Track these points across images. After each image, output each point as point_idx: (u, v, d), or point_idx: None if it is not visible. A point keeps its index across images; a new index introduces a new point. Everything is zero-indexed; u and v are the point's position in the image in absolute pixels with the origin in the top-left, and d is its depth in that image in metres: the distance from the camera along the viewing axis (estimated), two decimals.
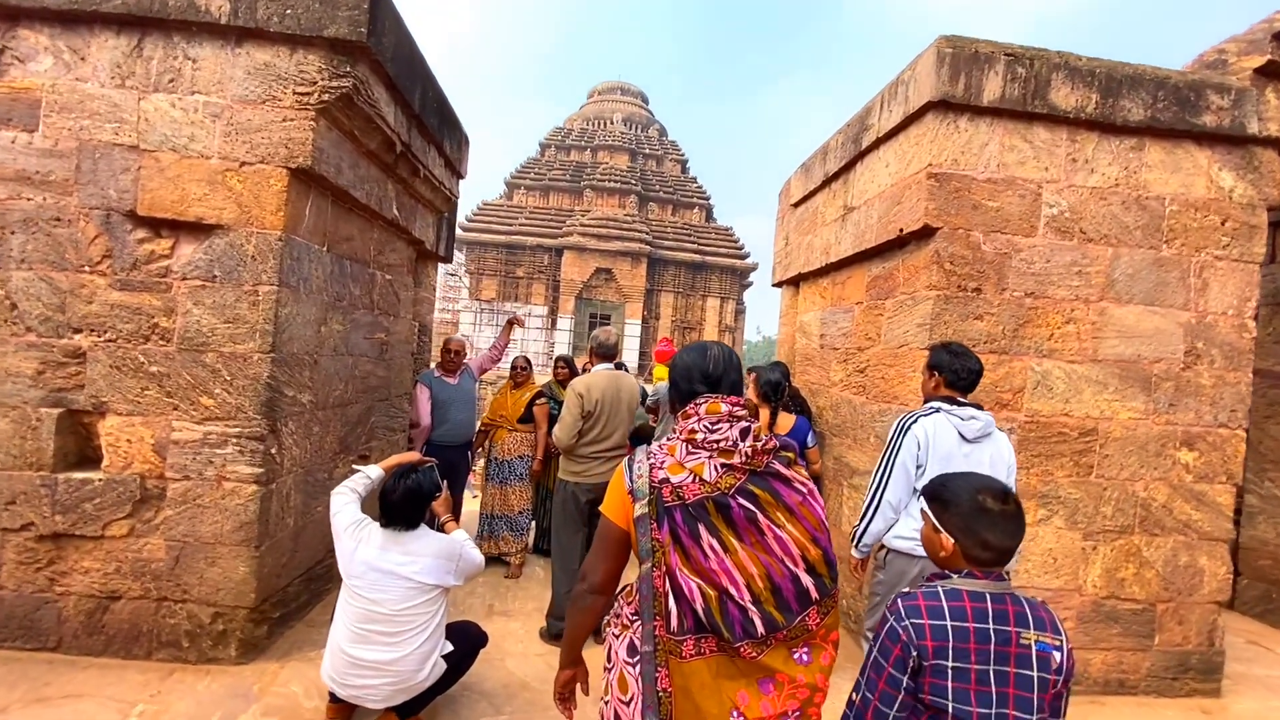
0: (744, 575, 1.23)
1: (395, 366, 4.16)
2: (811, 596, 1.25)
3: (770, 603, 1.23)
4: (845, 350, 3.79)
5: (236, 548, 2.69)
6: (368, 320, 3.65)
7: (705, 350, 1.45)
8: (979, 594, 1.23)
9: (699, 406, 1.35)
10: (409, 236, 4.11)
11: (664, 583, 1.26)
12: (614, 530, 1.37)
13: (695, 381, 1.41)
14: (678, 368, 1.47)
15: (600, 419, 2.95)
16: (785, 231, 4.98)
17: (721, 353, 1.45)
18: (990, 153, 2.91)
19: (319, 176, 2.78)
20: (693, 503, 1.26)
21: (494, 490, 4.06)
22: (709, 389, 1.40)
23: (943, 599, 1.22)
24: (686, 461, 1.30)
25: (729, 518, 1.26)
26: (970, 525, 1.26)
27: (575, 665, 1.52)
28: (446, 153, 4.10)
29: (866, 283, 3.57)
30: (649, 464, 1.32)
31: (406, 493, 2.08)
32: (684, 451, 1.31)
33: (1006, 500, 1.27)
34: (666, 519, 1.26)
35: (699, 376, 1.41)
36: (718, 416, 1.33)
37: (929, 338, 2.88)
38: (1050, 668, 1.20)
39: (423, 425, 3.80)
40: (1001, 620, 1.20)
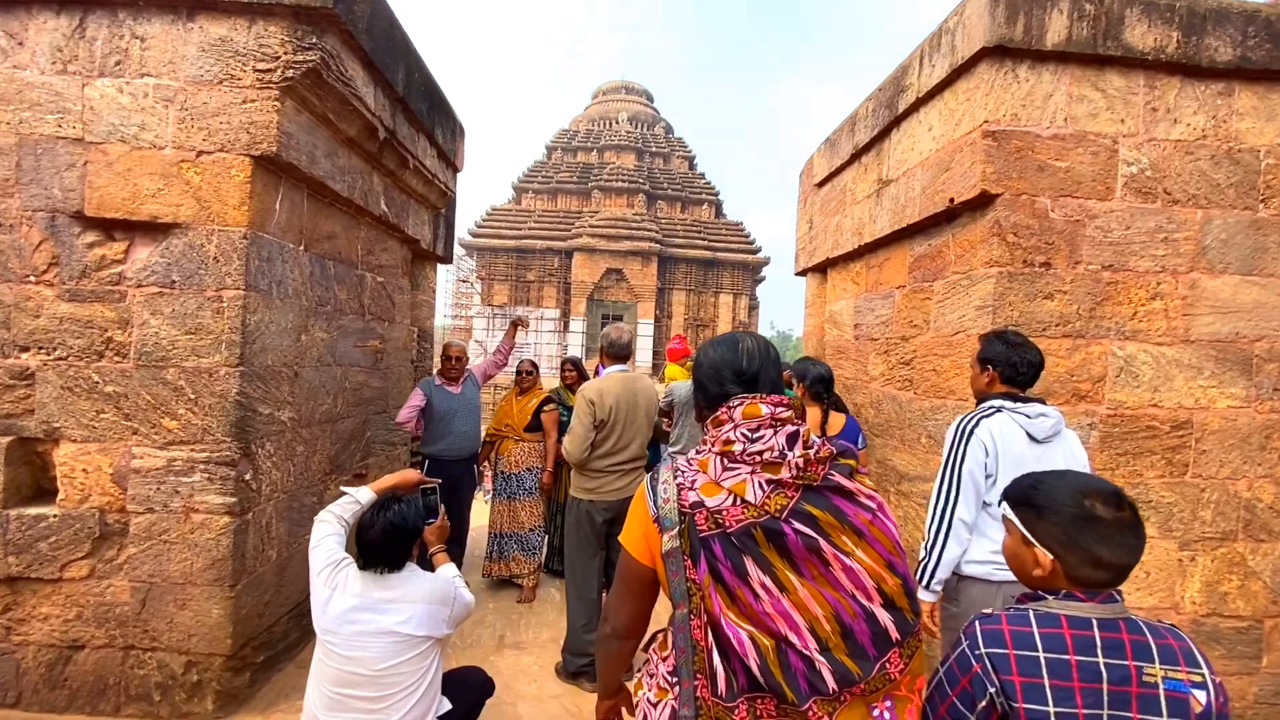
0: (806, 617, 0.98)
1: (392, 376, 3.85)
2: (891, 637, 1.00)
3: (841, 649, 0.98)
4: (885, 341, 3.40)
5: (209, 588, 2.37)
6: (358, 327, 3.33)
7: (736, 343, 1.17)
8: (1082, 620, 0.97)
9: (733, 410, 1.09)
10: (402, 235, 3.79)
11: (705, 634, 1.01)
12: (636, 568, 1.12)
13: (726, 381, 1.14)
14: (704, 366, 1.18)
15: (615, 428, 2.60)
16: (809, 214, 4.59)
17: (756, 345, 1.16)
18: (1056, 105, 2.51)
19: (288, 165, 2.46)
20: (736, 531, 1.01)
21: (502, 506, 3.72)
22: (744, 389, 1.13)
23: (1034, 625, 0.98)
24: (723, 479, 1.04)
25: (783, 547, 1.00)
26: (1075, 537, 1.00)
27: (616, 694, 1.31)
28: (439, 142, 3.78)
29: (909, 264, 3.18)
30: (677, 484, 1.06)
31: (388, 528, 1.74)
32: (719, 467, 1.06)
33: (1120, 505, 1.01)
34: (703, 553, 1.02)
35: (730, 375, 1.14)
36: (758, 421, 1.07)
37: (991, 322, 2.49)
38: (1189, 713, 0.91)
39: (403, 421, 3.47)
40: (1115, 652, 0.94)
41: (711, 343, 1.21)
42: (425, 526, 2.09)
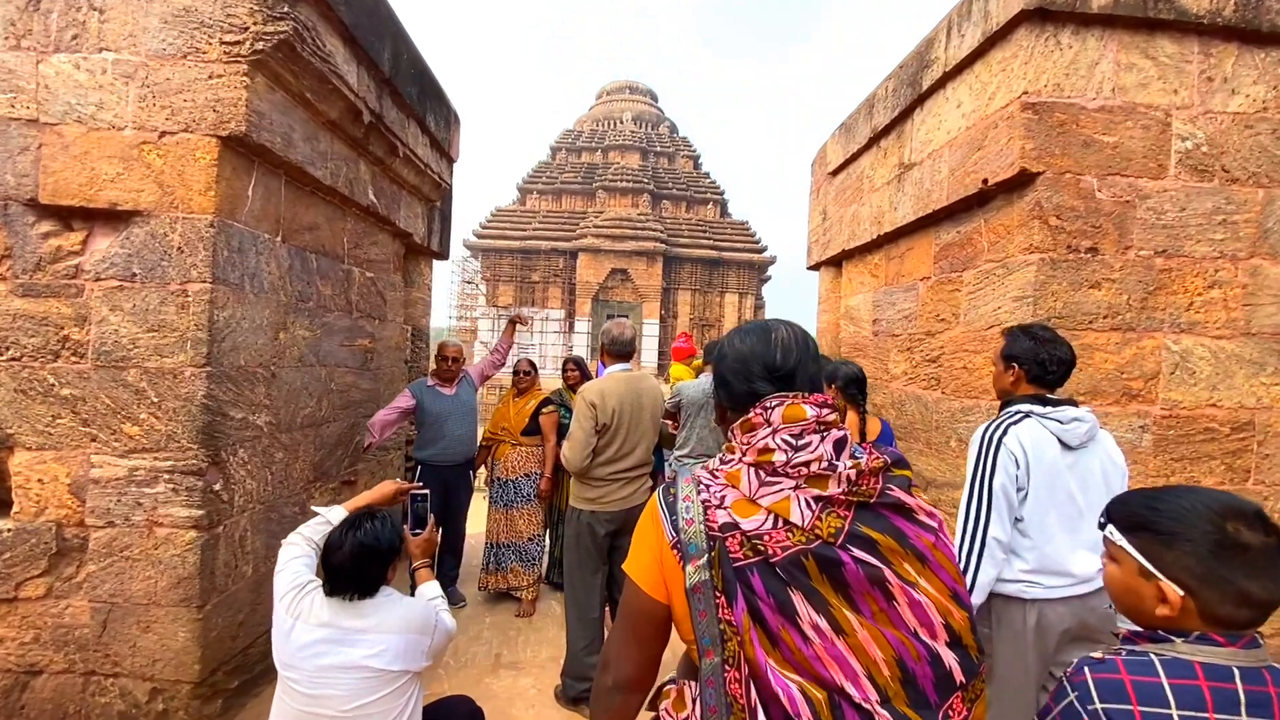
0: (864, 662, 0.81)
1: (384, 376, 3.65)
2: (955, 680, 0.82)
3: (901, 698, 0.81)
4: (908, 336, 3.17)
5: (174, 609, 2.17)
6: (344, 324, 3.13)
7: (768, 333, 0.97)
8: (1222, 669, 0.80)
9: (770, 412, 0.90)
10: (393, 228, 3.59)
11: (746, 689, 0.82)
12: (647, 604, 0.92)
13: (755, 378, 0.95)
14: (729, 359, 0.99)
15: (619, 433, 2.38)
16: (822, 205, 4.36)
17: (792, 335, 0.97)
18: (1103, 74, 2.28)
19: (261, 148, 2.26)
20: (782, 560, 0.82)
21: (499, 515, 3.51)
22: (778, 387, 0.94)
23: (1162, 674, 0.81)
24: (760, 496, 0.86)
25: (839, 579, 0.82)
26: (1217, 569, 0.82)
27: None
28: (431, 130, 3.58)
29: (934, 253, 2.95)
30: (701, 501, 0.88)
31: (357, 550, 1.52)
32: (753, 481, 0.87)
33: (1268, 529, 0.82)
34: (740, 588, 0.83)
35: (761, 370, 0.95)
36: (801, 426, 0.88)
37: (1031, 314, 2.26)
38: None
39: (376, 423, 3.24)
40: (1261, 710, 0.77)
41: (738, 332, 1.01)
42: (412, 537, 1.89)
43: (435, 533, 1.92)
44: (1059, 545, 1.66)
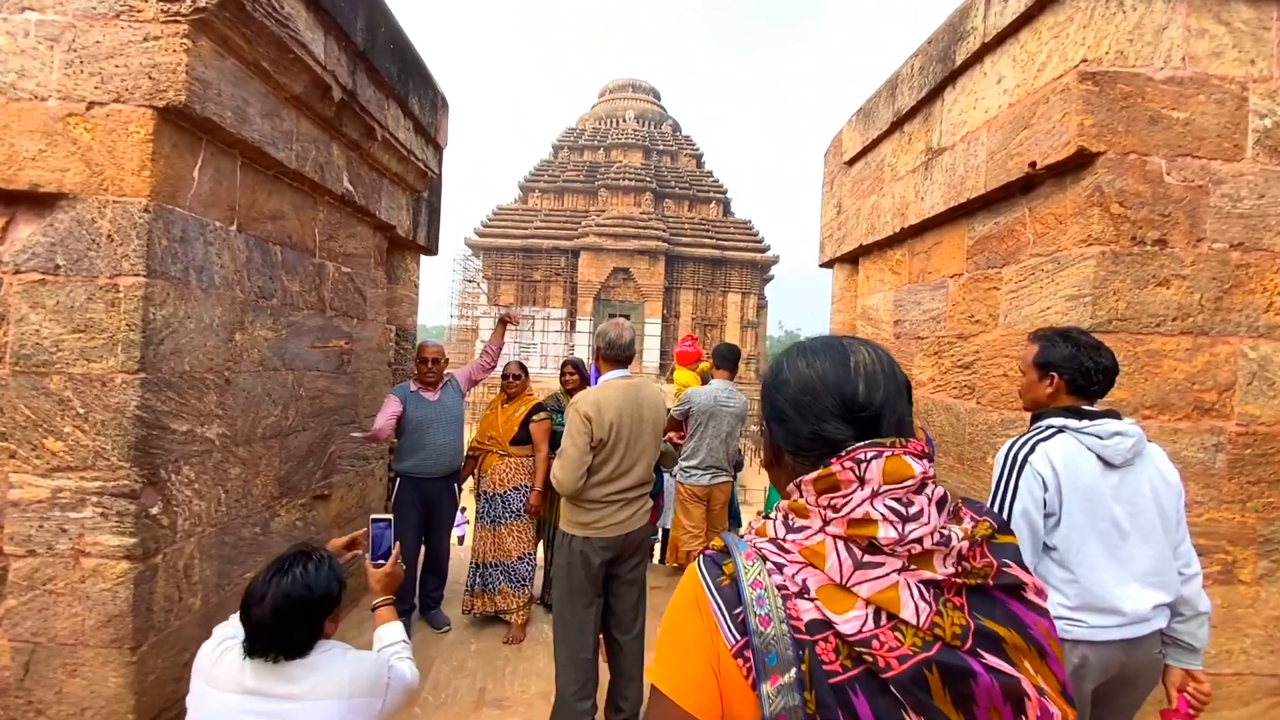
0: None
1: (363, 380, 3.37)
2: None
3: None
4: (936, 340, 2.88)
5: (104, 650, 1.89)
6: (315, 324, 2.85)
7: (845, 356, 0.73)
8: None
9: (865, 467, 0.66)
10: (373, 220, 3.31)
11: None
12: None
13: (828, 416, 0.71)
14: (791, 386, 0.74)
15: (617, 448, 2.09)
16: (836, 197, 4.07)
17: (877, 362, 0.73)
18: (1171, 40, 1.98)
19: (207, 123, 1.98)
20: (901, 675, 0.60)
21: (485, 533, 3.23)
22: (858, 431, 0.70)
23: None
24: (857, 583, 0.64)
25: (964, 694, 0.61)
26: None
27: None
28: (414, 113, 3.30)
29: (967, 247, 2.66)
30: (773, 583, 0.66)
31: (281, 603, 1.24)
32: (844, 561, 0.65)
33: None
34: (841, 713, 0.61)
35: (837, 407, 0.70)
36: (905, 488, 0.66)
37: (1090, 315, 1.97)
38: None
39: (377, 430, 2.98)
40: None
41: (803, 352, 0.76)
42: (373, 569, 1.61)
43: (400, 566, 1.64)
44: (1104, 577, 1.44)
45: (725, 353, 3.61)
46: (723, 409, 3.44)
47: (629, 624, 2.25)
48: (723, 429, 3.47)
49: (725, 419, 3.46)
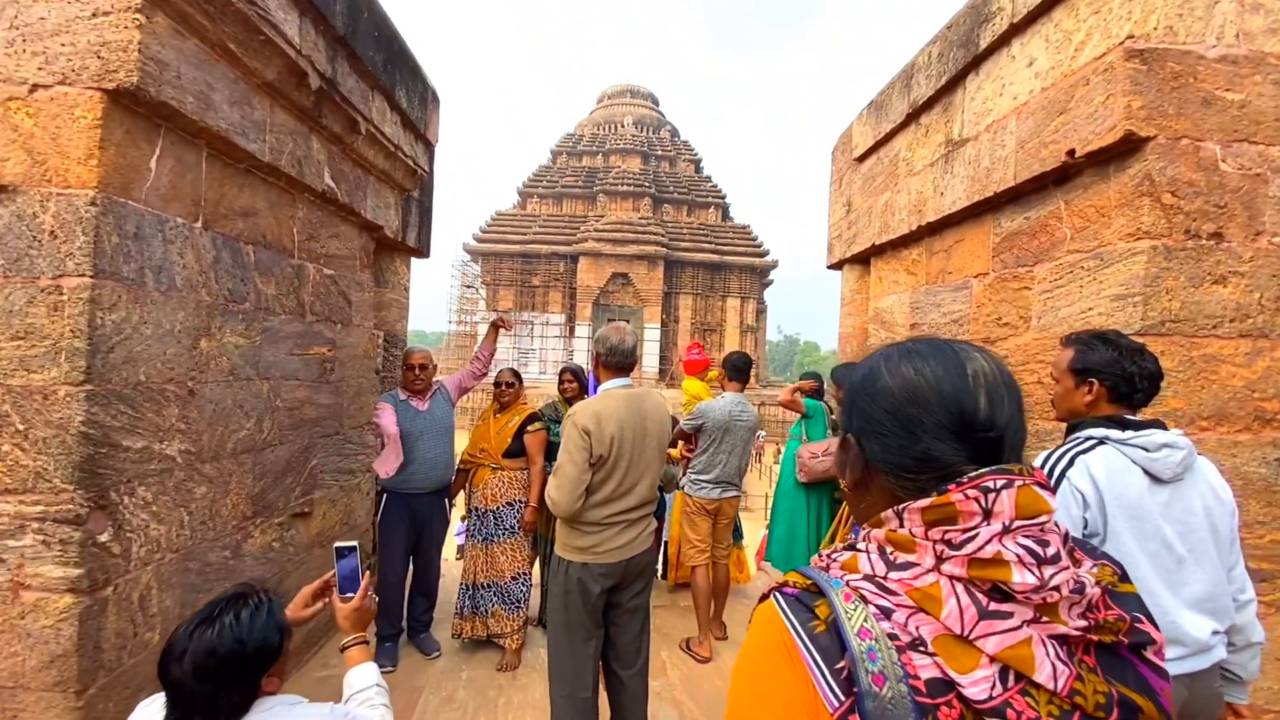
0: None
1: (348, 389, 3.17)
2: None
3: None
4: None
5: (47, 694, 1.69)
6: (295, 330, 2.66)
7: (961, 364, 0.62)
8: None
9: (993, 498, 0.55)
10: (359, 219, 3.12)
11: None
12: None
13: (941, 434, 0.59)
14: (894, 393, 0.63)
15: (618, 466, 1.90)
16: (845, 196, 3.89)
17: (998, 372, 0.62)
18: (1223, 15, 1.81)
19: (165, 108, 1.80)
20: None
21: (477, 551, 3.03)
22: (974, 454, 0.59)
23: None
24: (981, 636, 0.52)
25: None
26: None
27: None
28: (402, 106, 3.12)
29: (993, 245, 2.47)
30: (883, 631, 0.54)
31: (204, 660, 1.04)
32: (966, 607, 0.53)
33: None
34: None
35: (952, 422, 0.59)
36: (1041, 523, 0.55)
37: (1141, 316, 1.78)
38: None
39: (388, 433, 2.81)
40: None
41: (904, 354, 0.65)
42: (341, 603, 1.41)
43: (371, 600, 1.44)
44: (1160, 604, 1.30)
45: (738, 363, 3.43)
46: (737, 423, 3.26)
47: (631, 657, 2.05)
48: (737, 443, 3.28)
49: (739, 433, 3.28)
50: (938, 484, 0.58)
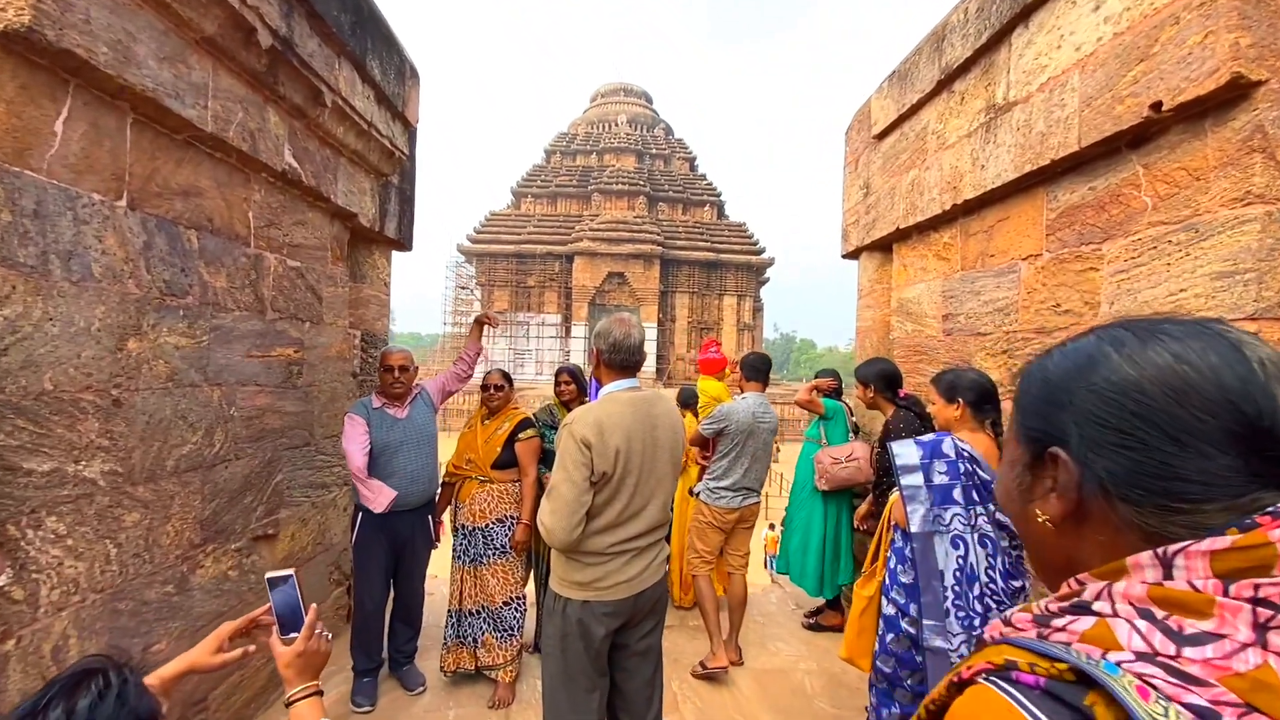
0: None
1: (319, 395, 2.85)
2: None
3: None
4: (1005, 335, 2.39)
5: None
6: (252, 328, 2.34)
7: (1233, 344, 0.44)
8: None
9: None
10: (329, 205, 2.80)
11: None
12: None
13: (1221, 441, 0.42)
14: (1138, 393, 0.44)
15: (625, 484, 1.59)
16: (863, 178, 3.59)
17: None
18: None
19: (73, 59, 1.48)
20: None
21: (464, 574, 2.71)
22: (1266, 470, 0.41)
23: None
24: None
25: None
26: None
27: None
28: (374, 79, 2.80)
29: (1048, 221, 2.17)
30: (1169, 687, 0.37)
31: None
32: None
33: None
34: None
35: (1239, 425, 0.42)
36: None
37: (1253, 298, 1.48)
38: None
39: (358, 469, 2.47)
40: None
41: (1141, 333, 0.47)
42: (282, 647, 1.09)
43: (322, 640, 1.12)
44: None
45: (757, 363, 3.13)
46: (760, 425, 2.96)
47: (642, 707, 1.74)
48: (759, 447, 2.99)
49: (762, 436, 2.98)
50: (1229, 516, 0.42)
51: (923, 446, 1.88)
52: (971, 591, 1.78)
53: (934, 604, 1.80)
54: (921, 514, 1.83)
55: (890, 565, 2.00)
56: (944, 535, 1.81)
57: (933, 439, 1.90)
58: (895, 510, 1.97)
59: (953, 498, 1.81)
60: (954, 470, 1.83)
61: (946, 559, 1.80)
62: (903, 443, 1.93)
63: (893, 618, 1.96)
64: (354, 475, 2.49)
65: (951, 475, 1.83)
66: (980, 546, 1.80)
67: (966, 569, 1.79)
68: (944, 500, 1.82)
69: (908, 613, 1.90)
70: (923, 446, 1.88)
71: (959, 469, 1.83)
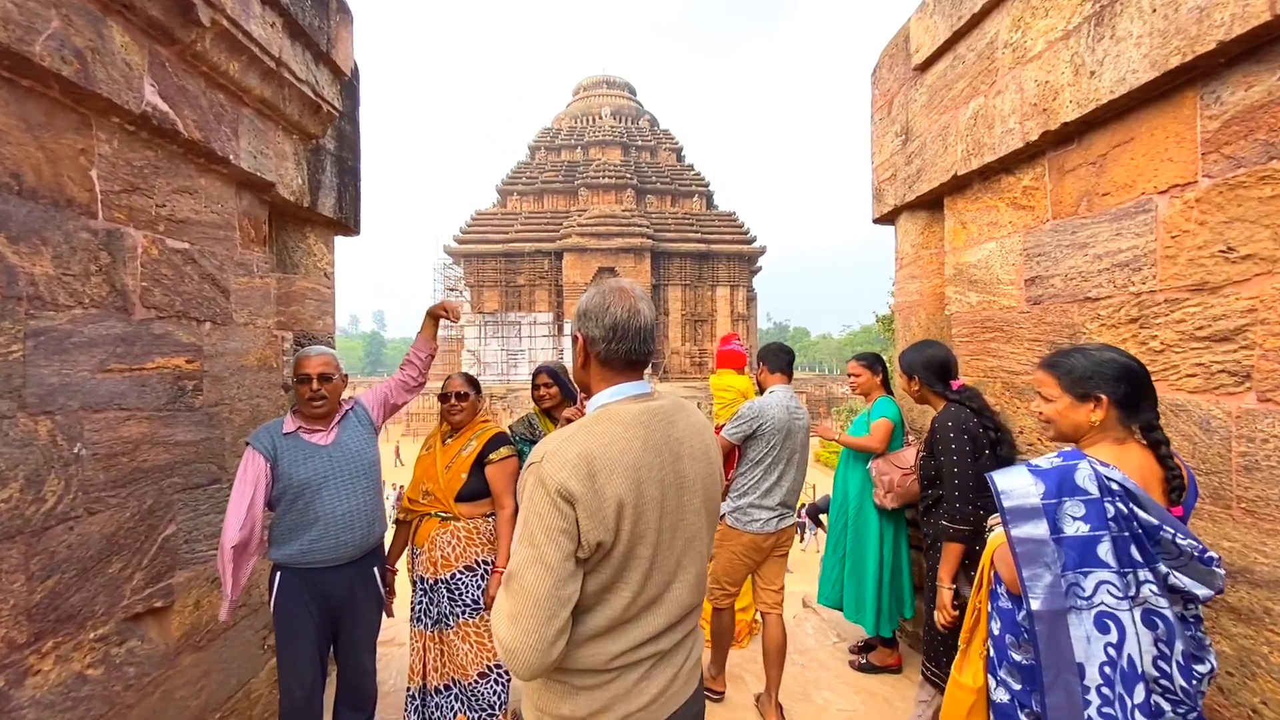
0: None
1: (230, 417, 2.21)
2: None
3: None
4: (1135, 298, 1.78)
5: None
6: (110, 333, 1.70)
7: None
8: None
9: None
10: (229, 170, 2.16)
11: None
12: None
13: None
14: None
15: (637, 555, 0.95)
16: (899, 121, 2.97)
17: None
18: None
19: None
20: None
21: (426, 640, 2.09)
22: None
23: None
24: None
25: None
26: None
27: None
28: (289, 10, 2.15)
29: (1205, 134, 1.56)
30: None
31: None
32: None
33: None
34: None
35: None
36: None
37: None
38: None
39: (228, 541, 1.82)
40: None
41: None
42: None
43: None
44: None
45: (781, 353, 2.55)
46: (796, 422, 2.39)
47: None
48: (797, 449, 2.41)
49: (799, 436, 2.40)
50: None
51: (1044, 477, 1.22)
52: (1132, 694, 1.14)
53: (1067, 707, 1.17)
54: (1047, 583, 1.17)
55: (995, 631, 1.37)
56: (1083, 613, 1.16)
57: (1061, 465, 1.23)
58: (1001, 561, 1.33)
59: (1097, 557, 1.16)
60: (1098, 514, 1.17)
61: (1088, 647, 1.15)
62: (1012, 473, 1.27)
63: (1007, 709, 1.34)
64: (220, 557, 1.84)
65: (1094, 522, 1.17)
66: (1146, 628, 1.16)
67: (1122, 662, 1.15)
68: (1083, 561, 1.16)
69: (1027, 704, 1.29)
70: (1044, 477, 1.22)
71: (1106, 511, 1.17)
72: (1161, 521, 1.16)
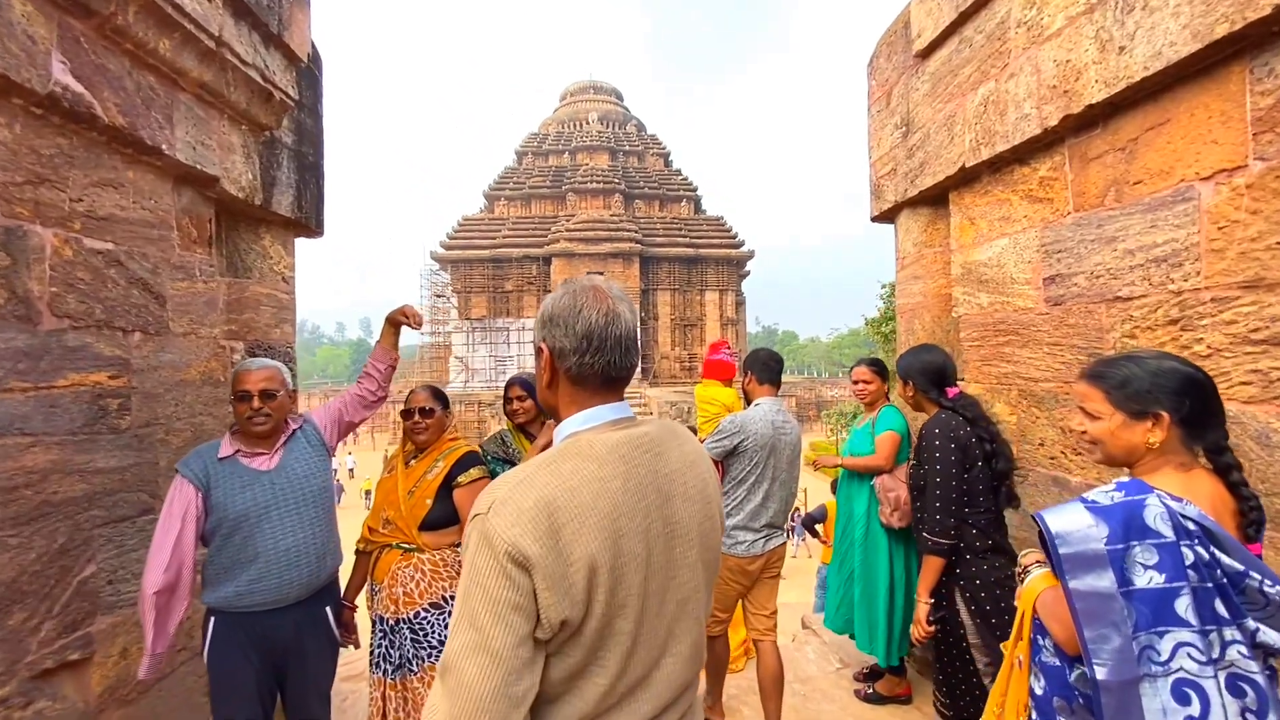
0: None
1: (169, 439, 1.98)
2: None
3: None
4: (1176, 297, 1.60)
5: None
6: (13, 346, 1.47)
7: None
8: None
9: None
10: (163, 161, 1.93)
11: None
12: None
13: None
14: None
15: (615, 629, 0.74)
16: (899, 112, 2.79)
17: None
18: None
19: None
20: None
21: (387, 688, 1.85)
22: None
23: None
24: None
25: None
26: None
27: None
28: None
29: (1255, 112, 1.39)
30: None
31: None
32: None
33: None
34: None
35: None
36: None
37: None
38: None
39: (149, 586, 1.58)
40: None
41: None
42: None
43: None
44: None
45: (769, 361, 2.37)
46: (783, 439, 2.20)
47: None
48: (783, 466, 2.23)
49: (785, 452, 2.22)
50: None
51: (1107, 517, 0.99)
52: None
53: None
54: (1116, 646, 0.95)
55: (1038, 691, 1.16)
56: (1159, 680, 0.94)
57: (1125, 501, 1.01)
58: (1050, 615, 1.12)
59: (1175, 614, 0.94)
60: (1174, 562, 0.95)
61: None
62: (1066, 511, 1.04)
63: None
64: (141, 604, 1.61)
65: (1171, 572, 0.95)
66: (1233, 696, 0.94)
67: None
68: (1158, 620, 0.94)
69: None
70: (1107, 517, 0.99)
71: (1184, 558, 0.95)
72: (1247, 567, 0.96)
